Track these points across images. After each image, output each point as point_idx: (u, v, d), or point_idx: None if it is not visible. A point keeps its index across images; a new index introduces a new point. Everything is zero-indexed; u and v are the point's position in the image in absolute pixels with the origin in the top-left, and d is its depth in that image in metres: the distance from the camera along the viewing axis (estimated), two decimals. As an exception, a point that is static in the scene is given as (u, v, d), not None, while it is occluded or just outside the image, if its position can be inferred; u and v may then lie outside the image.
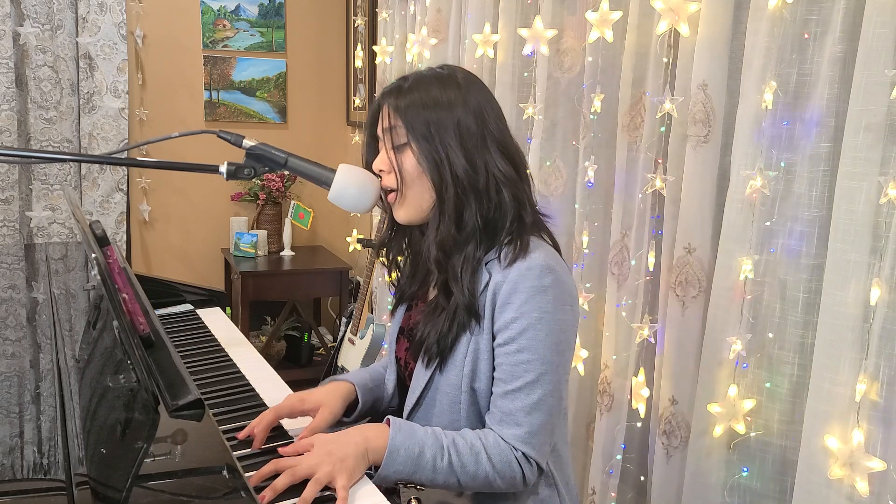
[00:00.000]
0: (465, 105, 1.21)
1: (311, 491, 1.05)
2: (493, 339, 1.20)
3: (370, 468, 1.15)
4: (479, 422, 1.24)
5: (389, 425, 1.16)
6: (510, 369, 1.17)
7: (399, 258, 1.40)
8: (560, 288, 1.18)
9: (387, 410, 1.40)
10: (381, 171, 1.25)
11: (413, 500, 1.23)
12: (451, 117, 1.20)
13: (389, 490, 1.31)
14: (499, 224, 1.22)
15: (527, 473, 1.17)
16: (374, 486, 1.12)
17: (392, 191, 1.25)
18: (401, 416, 1.31)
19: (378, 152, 1.29)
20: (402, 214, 1.26)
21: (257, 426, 1.21)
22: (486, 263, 1.22)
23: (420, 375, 1.26)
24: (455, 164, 1.19)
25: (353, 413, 1.36)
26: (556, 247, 1.28)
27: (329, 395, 1.30)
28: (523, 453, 1.17)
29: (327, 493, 1.08)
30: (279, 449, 1.15)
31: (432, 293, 1.31)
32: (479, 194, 1.20)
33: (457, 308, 1.20)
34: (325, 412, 1.27)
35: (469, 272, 1.20)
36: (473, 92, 1.23)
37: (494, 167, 1.21)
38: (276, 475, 1.07)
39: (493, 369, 1.21)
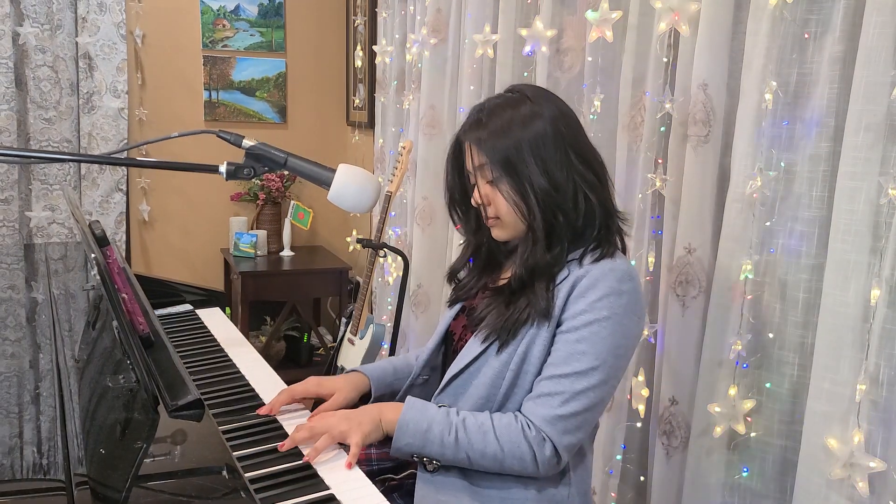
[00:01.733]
0: (539, 118, 1.24)
1: (323, 442, 1.18)
2: (558, 325, 1.23)
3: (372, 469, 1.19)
4: (515, 403, 1.26)
5: None
6: (565, 356, 1.20)
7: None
8: (635, 297, 1.23)
9: (415, 382, 1.42)
10: (479, 204, 1.30)
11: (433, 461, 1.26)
12: (528, 135, 1.23)
13: (390, 488, 1.32)
14: (587, 232, 1.26)
15: (538, 455, 1.18)
16: (374, 488, 1.12)
17: (493, 217, 1.30)
18: (437, 386, 1.35)
19: (461, 185, 1.35)
20: (503, 235, 1.32)
21: (276, 404, 1.32)
22: (567, 262, 1.26)
23: (473, 346, 1.29)
24: (538, 190, 1.22)
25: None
26: (624, 248, 1.33)
27: (345, 383, 1.38)
28: (539, 432, 1.18)
29: (328, 492, 1.08)
30: (309, 417, 1.28)
31: (500, 283, 1.36)
32: (567, 211, 1.24)
33: (528, 306, 1.24)
34: (339, 397, 1.36)
35: (547, 278, 1.25)
36: (544, 105, 1.26)
37: (578, 175, 1.24)
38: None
39: (548, 355, 1.23)
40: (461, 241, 1.46)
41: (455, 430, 1.20)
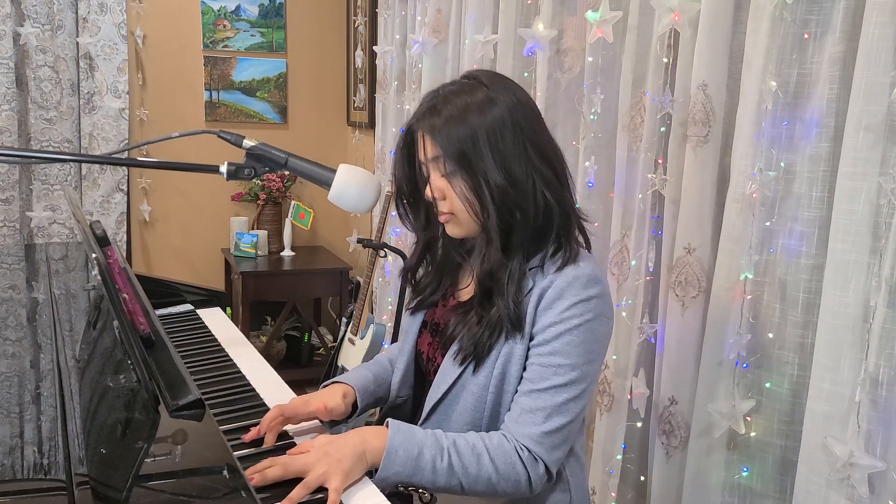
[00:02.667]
0: (496, 105, 1.18)
1: (298, 492, 1.04)
2: (531, 339, 1.20)
3: (370, 471, 1.14)
4: (500, 424, 1.23)
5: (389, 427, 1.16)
6: (540, 370, 1.17)
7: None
8: (602, 300, 1.20)
9: (395, 403, 1.39)
10: (433, 198, 1.24)
11: (421, 490, 1.22)
12: (485, 123, 1.17)
13: (388, 495, 1.30)
14: (546, 232, 1.22)
15: (532, 475, 1.15)
16: (375, 488, 1.11)
17: (446, 213, 1.24)
18: (419, 410, 1.30)
19: (410, 178, 1.29)
20: (458, 232, 1.26)
21: (264, 427, 1.21)
22: (528, 270, 1.22)
23: (448, 371, 1.25)
24: (494, 187, 1.17)
25: (352, 417, 1.36)
26: (587, 244, 1.28)
27: (331, 397, 1.31)
28: (529, 451, 1.15)
29: (319, 495, 1.07)
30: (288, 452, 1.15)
31: (465, 294, 1.32)
32: (524, 209, 1.19)
33: (499, 316, 1.20)
34: (323, 409, 1.28)
35: (515, 283, 1.20)
36: (500, 91, 1.20)
37: (535, 172, 1.19)
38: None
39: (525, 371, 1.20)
40: (415, 240, 1.39)
41: (448, 455, 1.13)
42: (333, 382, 1.38)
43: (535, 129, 1.21)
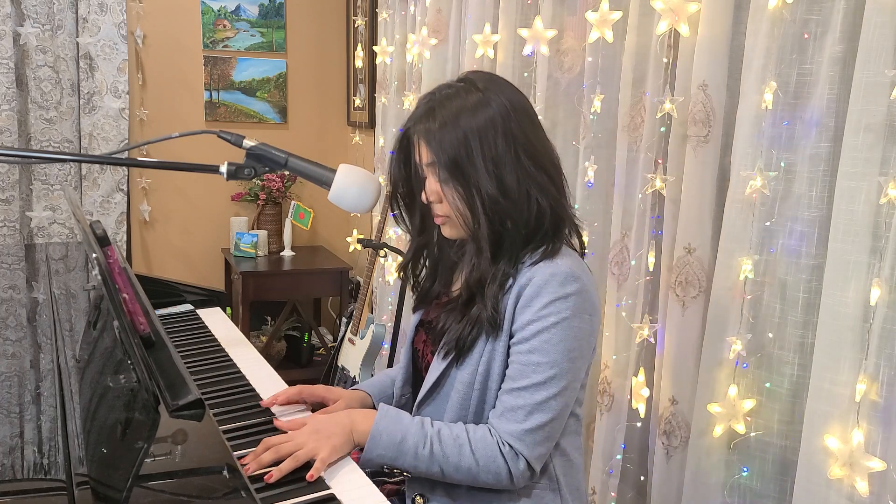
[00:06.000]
0: (488, 108, 1.19)
1: (288, 465, 1.12)
2: (511, 337, 1.21)
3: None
4: (484, 421, 1.24)
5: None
6: (520, 368, 1.19)
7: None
8: (582, 297, 1.19)
9: (399, 403, 1.42)
10: (430, 202, 1.25)
11: (418, 496, 1.24)
12: (476, 125, 1.17)
13: (389, 493, 1.31)
14: (535, 235, 1.22)
15: (513, 470, 1.17)
16: (374, 488, 1.11)
17: (443, 216, 1.26)
18: (412, 408, 1.33)
19: (406, 178, 1.31)
20: (454, 234, 1.27)
21: (281, 395, 1.35)
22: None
23: (435, 368, 1.27)
24: (486, 197, 1.18)
25: None
26: (582, 247, 1.29)
27: (350, 397, 1.39)
28: (511, 447, 1.17)
29: (329, 492, 1.07)
30: (274, 420, 1.30)
31: (454, 293, 1.34)
32: (515, 217, 1.20)
33: (479, 315, 1.21)
34: (342, 404, 1.36)
35: (497, 285, 1.21)
36: (493, 94, 1.21)
37: (529, 178, 1.20)
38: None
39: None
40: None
41: (430, 443, 1.17)
42: (356, 389, 1.45)
43: (528, 134, 1.21)
